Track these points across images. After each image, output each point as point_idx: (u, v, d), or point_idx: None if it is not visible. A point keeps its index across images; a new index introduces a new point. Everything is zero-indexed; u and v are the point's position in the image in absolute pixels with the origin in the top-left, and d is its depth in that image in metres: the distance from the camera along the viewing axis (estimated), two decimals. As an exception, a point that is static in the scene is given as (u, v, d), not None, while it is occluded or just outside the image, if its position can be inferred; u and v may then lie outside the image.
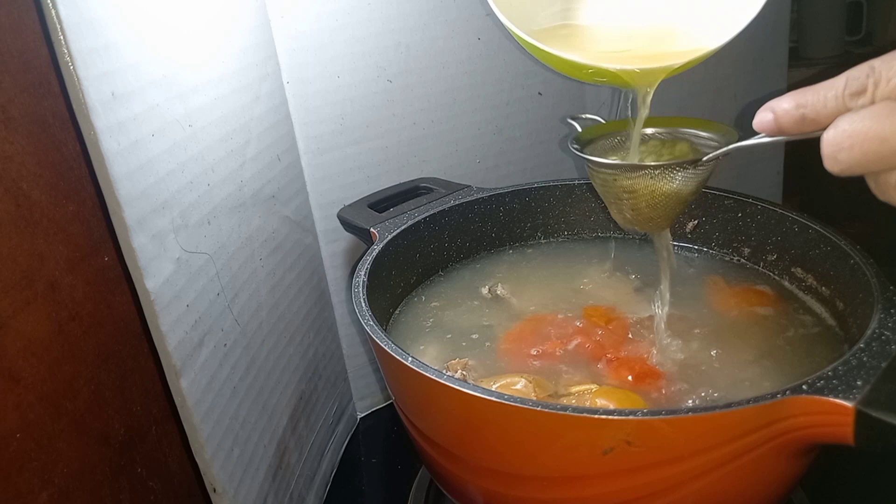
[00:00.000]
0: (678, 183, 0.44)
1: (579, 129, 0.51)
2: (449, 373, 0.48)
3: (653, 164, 0.45)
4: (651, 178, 0.44)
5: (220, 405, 0.47)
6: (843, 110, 0.32)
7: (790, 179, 0.93)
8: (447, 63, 0.68)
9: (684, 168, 0.44)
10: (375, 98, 0.65)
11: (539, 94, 0.75)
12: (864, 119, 0.30)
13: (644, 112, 0.47)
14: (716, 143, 0.46)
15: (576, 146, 0.49)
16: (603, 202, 0.50)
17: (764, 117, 0.35)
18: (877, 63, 0.31)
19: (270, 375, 0.55)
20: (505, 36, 0.70)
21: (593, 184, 0.49)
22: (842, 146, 0.31)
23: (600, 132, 0.52)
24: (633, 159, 0.47)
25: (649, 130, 0.51)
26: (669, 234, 0.50)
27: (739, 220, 0.59)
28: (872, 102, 0.31)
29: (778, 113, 0.34)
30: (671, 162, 0.45)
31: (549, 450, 0.39)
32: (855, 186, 0.34)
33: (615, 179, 0.46)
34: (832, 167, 0.32)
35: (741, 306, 0.54)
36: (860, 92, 0.31)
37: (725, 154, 0.43)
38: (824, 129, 0.32)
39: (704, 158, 0.44)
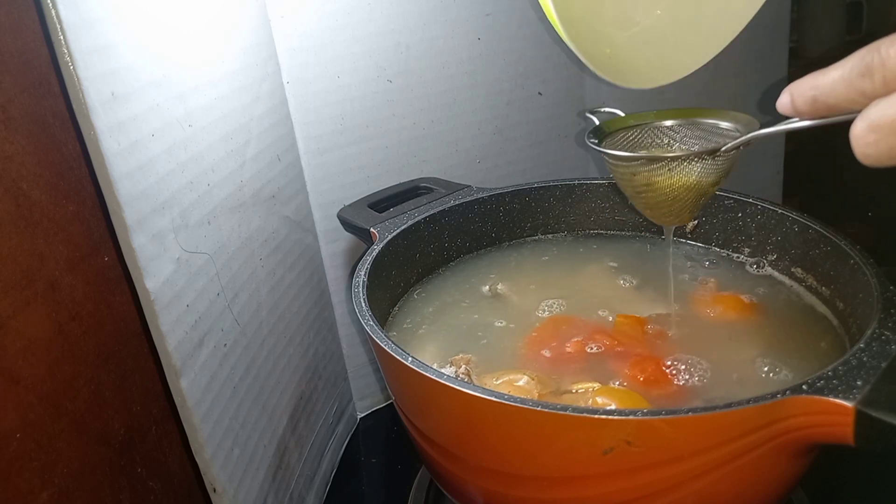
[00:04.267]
0: (697, 175, 0.44)
1: (597, 123, 0.51)
2: (452, 367, 0.49)
3: (671, 155, 0.44)
4: (669, 170, 0.44)
5: (220, 405, 0.47)
6: (854, 93, 0.31)
7: (790, 179, 0.93)
8: (447, 63, 0.68)
9: (703, 159, 0.43)
10: (375, 98, 0.65)
11: (539, 94, 0.75)
12: (888, 108, 0.29)
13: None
14: (736, 134, 0.46)
15: (593, 140, 0.48)
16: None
17: (783, 99, 0.34)
18: (884, 42, 0.30)
19: (270, 375, 0.55)
20: (505, 36, 0.70)
21: (612, 177, 0.49)
22: (867, 140, 0.30)
23: (620, 125, 0.51)
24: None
25: (668, 123, 0.50)
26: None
27: (739, 220, 0.59)
28: (884, 82, 0.29)
29: (794, 94, 0.34)
30: (689, 153, 0.44)
31: (549, 450, 0.39)
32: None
33: (633, 174, 0.45)
34: (863, 160, 0.31)
35: (741, 306, 0.54)
36: (867, 72, 0.30)
37: (745, 144, 0.42)
38: (845, 113, 0.31)
39: (723, 149, 0.43)
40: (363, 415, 0.76)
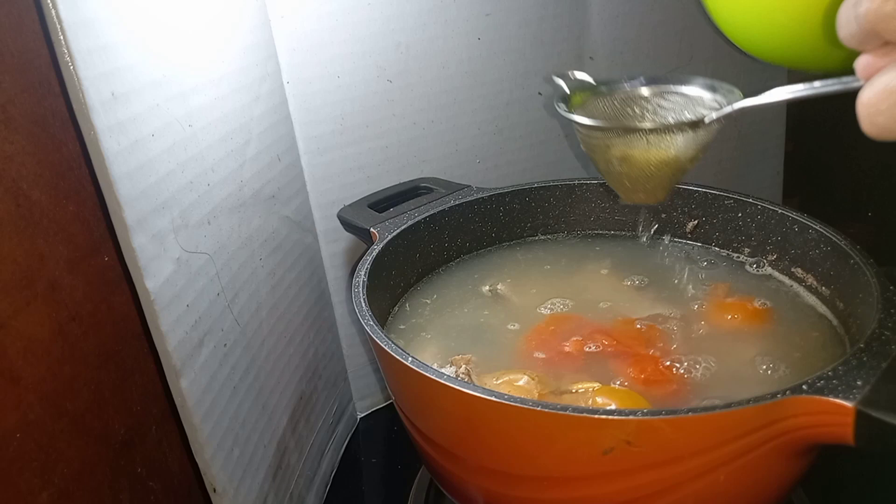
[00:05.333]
0: (676, 148, 0.40)
1: (566, 90, 0.47)
2: (452, 367, 0.49)
3: (649, 125, 0.41)
4: (647, 142, 0.40)
5: (220, 405, 0.47)
6: (859, 31, 0.28)
7: (790, 179, 0.93)
8: (447, 63, 0.68)
9: (684, 131, 0.40)
10: (375, 98, 0.65)
11: (539, 94, 0.75)
12: None
13: None
14: (717, 105, 0.43)
15: (562, 106, 0.44)
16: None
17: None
18: None
19: (270, 375, 0.55)
20: (505, 36, 0.70)
21: (583, 148, 0.45)
22: (879, 108, 0.27)
23: (590, 93, 0.47)
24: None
25: (646, 91, 0.46)
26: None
27: (739, 220, 0.59)
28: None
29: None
30: (670, 124, 0.41)
31: (549, 450, 0.39)
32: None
33: (608, 146, 0.42)
34: (869, 131, 0.28)
35: (741, 306, 0.54)
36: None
37: (728, 115, 0.39)
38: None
39: (706, 119, 0.40)
40: (363, 415, 0.76)
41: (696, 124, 0.40)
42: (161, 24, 0.43)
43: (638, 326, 0.52)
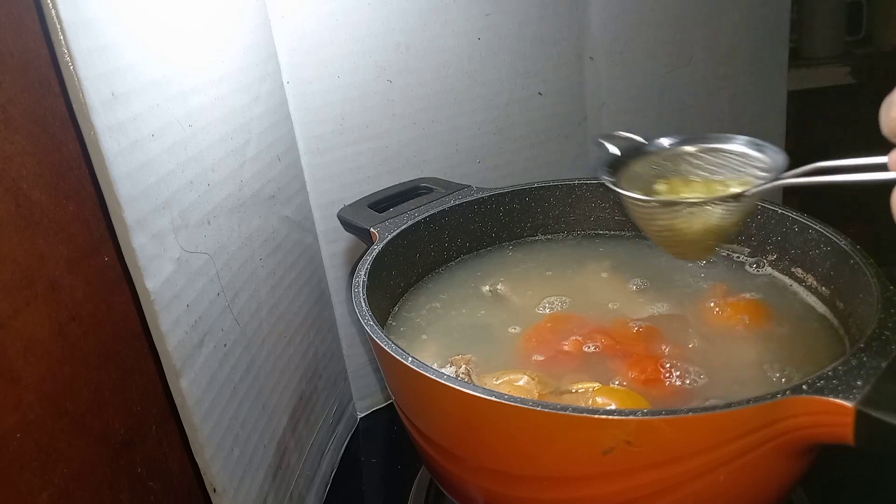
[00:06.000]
0: (719, 217, 0.41)
1: (611, 150, 0.47)
2: (452, 367, 0.49)
3: (691, 200, 0.41)
4: (690, 213, 0.41)
5: (220, 405, 0.47)
6: (889, 133, 0.29)
7: (790, 179, 0.93)
8: (447, 63, 0.68)
9: (726, 202, 0.41)
10: (375, 98, 0.66)
11: (539, 94, 0.75)
12: None
13: None
14: (762, 165, 0.42)
15: (609, 177, 0.44)
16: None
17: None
18: None
19: (270, 375, 0.55)
20: (505, 36, 0.71)
21: (629, 215, 0.46)
22: None
23: (636, 154, 0.47)
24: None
25: (691, 148, 0.46)
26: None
27: (739, 220, 0.59)
28: None
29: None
30: (711, 198, 0.41)
31: (548, 450, 0.39)
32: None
33: (652, 217, 0.43)
34: None
35: (740, 306, 0.54)
36: None
37: (771, 187, 0.39)
38: None
39: (748, 193, 0.40)
40: (363, 415, 0.76)
41: (737, 196, 0.41)
42: (161, 24, 0.43)
43: (637, 326, 0.52)
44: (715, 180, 0.45)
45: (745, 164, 0.45)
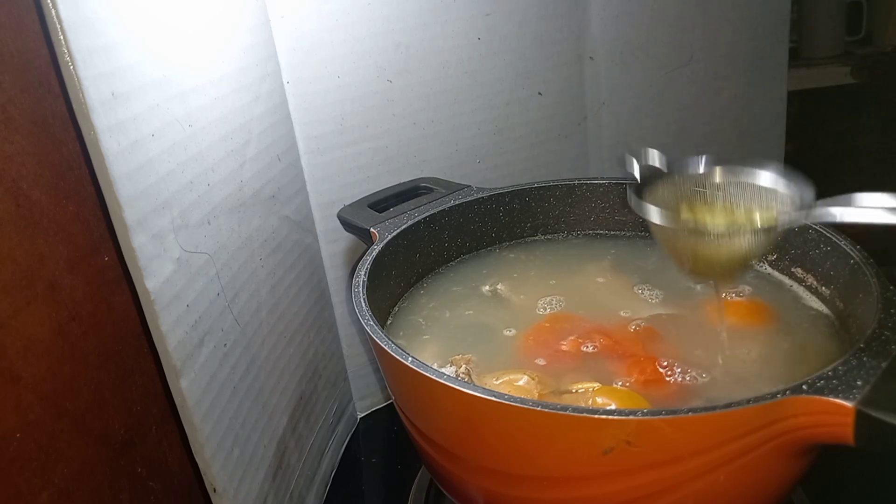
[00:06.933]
0: (746, 248, 0.42)
1: (637, 167, 0.46)
2: (452, 367, 0.49)
3: (719, 231, 0.42)
4: (717, 244, 0.42)
5: (220, 405, 0.47)
6: None
7: (790, 179, 0.93)
8: (447, 63, 0.68)
9: (755, 233, 0.41)
10: (375, 98, 0.66)
11: (539, 94, 0.75)
12: None
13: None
14: (789, 198, 0.43)
15: (634, 198, 0.44)
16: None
17: None
18: None
19: (270, 375, 0.55)
20: (505, 36, 0.71)
21: (655, 239, 0.46)
22: None
23: (663, 179, 0.47)
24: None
25: (719, 178, 0.47)
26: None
27: (739, 220, 0.59)
28: None
29: None
30: (739, 228, 0.42)
31: (549, 450, 0.39)
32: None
33: (676, 241, 0.43)
34: None
35: (740, 306, 0.54)
36: None
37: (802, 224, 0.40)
38: None
39: (780, 227, 0.41)
40: (363, 415, 0.76)
41: (767, 230, 0.41)
42: (161, 24, 0.43)
43: (637, 326, 0.52)
44: (740, 207, 0.46)
45: (771, 197, 0.45)
